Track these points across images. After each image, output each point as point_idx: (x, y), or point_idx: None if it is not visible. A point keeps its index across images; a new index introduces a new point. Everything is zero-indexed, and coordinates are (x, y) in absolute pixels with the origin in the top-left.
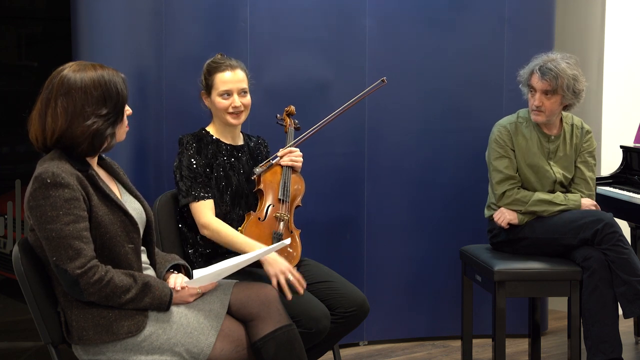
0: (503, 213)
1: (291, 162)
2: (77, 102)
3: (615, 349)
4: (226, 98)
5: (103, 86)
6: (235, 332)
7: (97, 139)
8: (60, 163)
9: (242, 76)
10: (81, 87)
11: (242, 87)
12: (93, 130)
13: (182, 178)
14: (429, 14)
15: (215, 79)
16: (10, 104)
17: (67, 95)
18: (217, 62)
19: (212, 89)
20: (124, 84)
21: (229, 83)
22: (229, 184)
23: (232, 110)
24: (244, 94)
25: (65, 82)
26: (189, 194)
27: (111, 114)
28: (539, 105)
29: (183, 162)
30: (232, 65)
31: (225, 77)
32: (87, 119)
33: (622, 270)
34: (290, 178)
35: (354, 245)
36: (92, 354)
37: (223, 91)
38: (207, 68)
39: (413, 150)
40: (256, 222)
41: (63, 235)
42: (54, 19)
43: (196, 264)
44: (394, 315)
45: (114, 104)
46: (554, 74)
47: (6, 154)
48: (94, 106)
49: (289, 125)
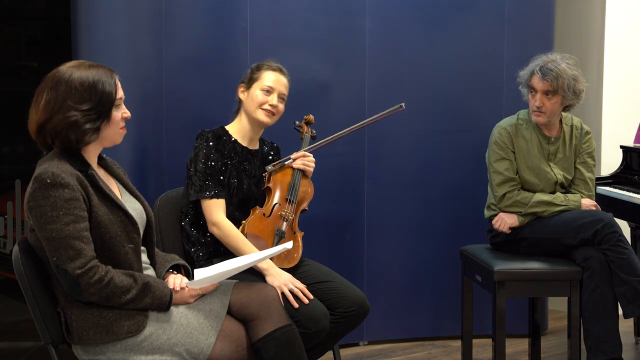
0: (502, 219)
1: (303, 166)
2: (60, 94)
3: (615, 349)
4: (266, 94)
5: (90, 83)
6: (235, 332)
7: (73, 130)
8: (60, 163)
9: (287, 83)
10: (67, 82)
11: (283, 91)
12: (70, 122)
13: (196, 172)
14: (429, 14)
15: (263, 73)
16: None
17: (53, 89)
18: (269, 62)
19: (256, 82)
20: (115, 84)
21: (275, 82)
22: (240, 187)
23: (268, 107)
24: (281, 100)
25: (56, 76)
26: (203, 189)
27: (93, 110)
28: (539, 106)
29: (200, 157)
30: (282, 70)
31: (273, 76)
32: (67, 112)
33: (622, 270)
34: (300, 181)
35: (354, 245)
36: (92, 354)
37: (267, 86)
38: (257, 64)
39: (413, 150)
40: (260, 217)
41: (63, 235)
42: (54, 19)
43: (197, 262)
44: (394, 315)
45: (98, 101)
46: (554, 75)
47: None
48: (75, 100)
49: (305, 132)
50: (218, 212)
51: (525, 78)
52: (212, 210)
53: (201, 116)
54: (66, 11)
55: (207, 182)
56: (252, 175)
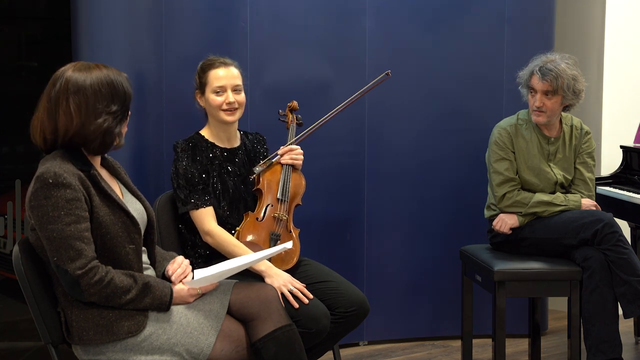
0: (503, 220)
1: (291, 161)
2: (90, 99)
3: (615, 349)
4: (220, 95)
5: (110, 84)
6: (235, 332)
7: (109, 136)
8: (63, 163)
9: (236, 73)
10: (91, 85)
11: (235, 83)
12: (105, 128)
13: (179, 186)
14: (429, 14)
15: (209, 75)
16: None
17: (77, 94)
18: (211, 60)
19: (206, 87)
20: (128, 83)
21: (223, 79)
22: (225, 190)
23: (226, 107)
24: (238, 91)
25: (73, 81)
26: (188, 202)
27: (119, 112)
28: (539, 105)
29: (179, 171)
30: (226, 62)
31: (219, 74)
32: (99, 117)
33: (622, 270)
34: (290, 177)
35: (354, 245)
36: (92, 354)
37: (217, 87)
38: (201, 67)
39: (413, 150)
40: (254, 223)
41: (64, 235)
42: (54, 19)
43: (195, 264)
44: (394, 315)
45: (122, 101)
46: (554, 75)
47: (6, 154)
48: (105, 103)
49: (291, 121)
50: (208, 221)
51: (525, 78)
52: (203, 220)
53: (201, 116)
54: (66, 11)
55: (191, 194)
56: (238, 173)
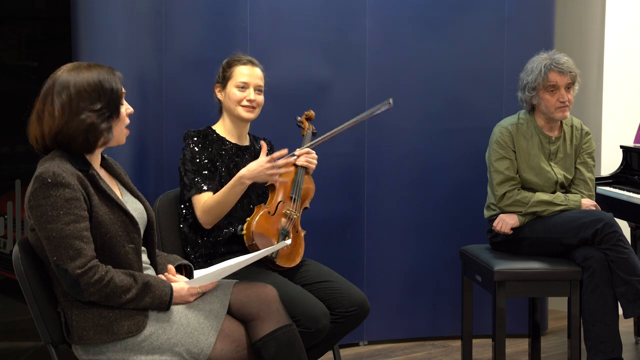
0: (503, 220)
1: (306, 163)
2: (73, 99)
3: (615, 349)
4: (242, 90)
5: (97, 83)
6: (235, 332)
7: (92, 133)
8: (62, 163)
9: (261, 74)
10: (74, 85)
11: (259, 83)
12: (87, 125)
13: (186, 172)
14: (429, 14)
15: (235, 70)
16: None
17: (61, 94)
18: (238, 57)
19: (229, 80)
20: (119, 81)
21: (248, 76)
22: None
23: (246, 103)
24: (259, 92)
25: (59, 82)
26: (192, 186)
27: (105, 109)
28: (564, 100)
29: (187, 156)
30: (253, 62)
31: (245, 71)
32: (81, 114)
33: (622, 270)
34: (303, 178)
35: (354, 245)
36: (92, 354)
37: (241, 82)
38: (227, 61)
39: (413, 150)
40: (266, 216)
41: (63, 235)
42: (54, 19)
43: (196, 264)
44: (394, 315)
45: (108, 99)
46: (569, 67)
47: (6, 154)
48: (87, 102)
49: (307, 128)
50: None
51: (536, 80)
52: (199, 205)
53: (201, 116)
54: (66, 11)
55: (197, 179)
56: None
